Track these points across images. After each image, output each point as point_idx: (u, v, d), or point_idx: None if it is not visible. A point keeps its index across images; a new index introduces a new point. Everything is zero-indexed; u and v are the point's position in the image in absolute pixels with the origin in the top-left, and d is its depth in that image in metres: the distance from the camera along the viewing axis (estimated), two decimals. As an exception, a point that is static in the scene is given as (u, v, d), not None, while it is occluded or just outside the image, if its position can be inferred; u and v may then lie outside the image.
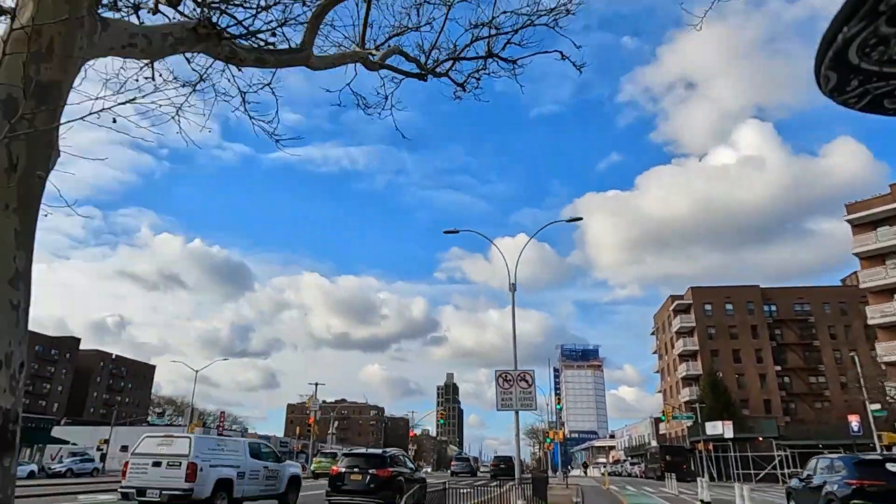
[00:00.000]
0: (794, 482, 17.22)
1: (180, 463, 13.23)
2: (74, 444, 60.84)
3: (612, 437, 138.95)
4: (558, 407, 38.49)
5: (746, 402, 66.67)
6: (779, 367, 68.73)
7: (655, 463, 55.10)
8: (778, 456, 44.54)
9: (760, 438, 46.48)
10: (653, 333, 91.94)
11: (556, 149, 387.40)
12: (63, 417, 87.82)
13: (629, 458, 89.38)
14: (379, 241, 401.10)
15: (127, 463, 14.00)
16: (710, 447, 49.61)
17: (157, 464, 13.48)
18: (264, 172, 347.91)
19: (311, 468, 36.02)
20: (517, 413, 17.88)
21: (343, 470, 16.21)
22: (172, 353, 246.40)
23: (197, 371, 50.88)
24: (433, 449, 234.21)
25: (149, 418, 70.61)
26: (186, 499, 13.06)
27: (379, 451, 18.25)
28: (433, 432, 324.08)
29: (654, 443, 75.30)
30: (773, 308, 72.12)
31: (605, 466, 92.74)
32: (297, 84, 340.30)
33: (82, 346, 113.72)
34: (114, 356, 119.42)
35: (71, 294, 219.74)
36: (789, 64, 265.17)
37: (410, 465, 19.07)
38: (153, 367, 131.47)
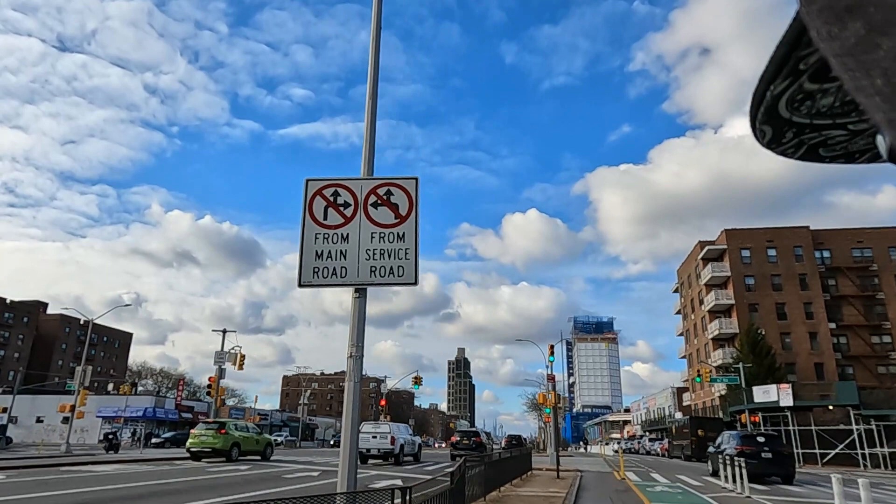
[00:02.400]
0: (710, 449, 24.68)
1: (387, 436, 26.39)
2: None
3: (627, 411, 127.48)
4: (551, 358, 26.81)
5: (793, 365, 54.52)
6: (833, 325, 56.29)
7: (684, 439, 43.45)
8: (857, 430, 32.57)
9: (831, 407, 34.50)
10: (675, 290, 79.51)
11: (568, 121, 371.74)
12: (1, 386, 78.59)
13: (647, 434, 77.87)
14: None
15: None
16: (758, 419, 37.74)
17: (374, 437, 26.33)
18: (274, 149, 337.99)
19: (188, 444, 24.52)
20: (359, 299, 6.04)
21: (458, 438, 34.46)
22: (188, 329, 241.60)
23: (91, 320, 39.85)
24: (440, 423, 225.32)
25: (67, 384, 60.25)
26: (391, 454, 26.35)
27: (474, 428, 48.50)
28: (443, 406, 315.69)
29: (678, 415, 63.61)
30: (826, 254, 59.33)
31: (618, 443, 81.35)
32: (306, 59, 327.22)
33: (91, 319, 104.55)
34: (81, 321, 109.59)
35: (87, 272, 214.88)
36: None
37: (484, 435, 39.89)
38: (130, 335, 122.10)
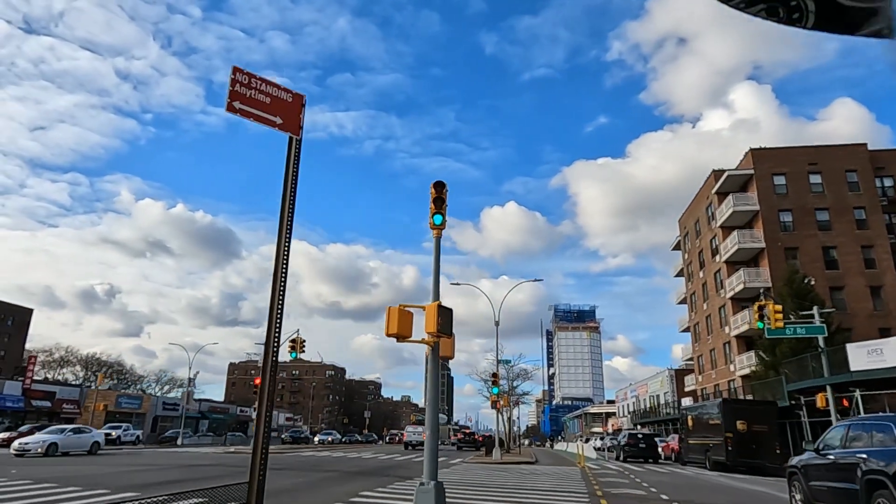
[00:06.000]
0: (614, 444, 41.02)
1: (423, 433, 35.47)
2: None
3: (611, 402, 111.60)
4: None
5: (849, 332, 38.44)
6: (901, 276, 40.39)
7: (711, 436, 26.92)
8: None
9: None
10: (675, 248, 63.38)
11: (549, 113, 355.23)
12: None
13: (638, 426, 61.73)
14: (368, 209, 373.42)
15: (405, 432, 57.90)
16: (847, 402, 21.42)
17: (415, 434, 50.34)
18: (250, 139, 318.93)
19: None
20: None
21: (461, 436, 63.03)
22: (164, 321, 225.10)
23: None
24: (407, 417, 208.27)
25: None
26: (421, 443, 40.11)
27: (470, 427, 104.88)
28: (416, 399, 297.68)
29: (687, 401, 47.36)
30: (888, 182, 43.45)
31: (601, 438, 65.01)
32: (282, 46, 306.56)
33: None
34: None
35: (58, 262, 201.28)
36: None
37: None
38: (29, 311, 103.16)
